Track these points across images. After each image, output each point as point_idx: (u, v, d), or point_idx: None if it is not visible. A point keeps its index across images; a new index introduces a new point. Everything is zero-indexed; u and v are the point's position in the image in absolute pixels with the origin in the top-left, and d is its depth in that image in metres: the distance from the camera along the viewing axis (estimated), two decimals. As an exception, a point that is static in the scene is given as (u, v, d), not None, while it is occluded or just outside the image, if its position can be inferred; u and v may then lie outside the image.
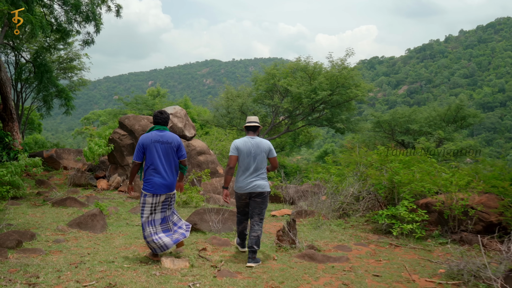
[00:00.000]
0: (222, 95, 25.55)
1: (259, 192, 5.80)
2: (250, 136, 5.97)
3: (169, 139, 5.50)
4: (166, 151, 5.46)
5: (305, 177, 19.52)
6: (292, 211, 9.91)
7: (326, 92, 20.27)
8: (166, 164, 5.46)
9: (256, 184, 5.79)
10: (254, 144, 5.86)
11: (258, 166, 5.84)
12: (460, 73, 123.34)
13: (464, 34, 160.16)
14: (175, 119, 13.02)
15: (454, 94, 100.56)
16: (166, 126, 5.66)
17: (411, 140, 24.44)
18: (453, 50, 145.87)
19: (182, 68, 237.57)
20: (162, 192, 5.39)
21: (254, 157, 5.82)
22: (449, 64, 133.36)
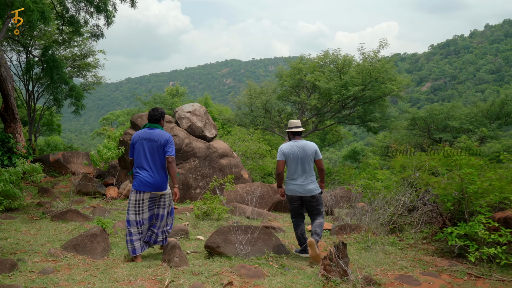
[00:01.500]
0: (245, 92, 23.99)
1: (310, 196, 5.99)
2: (296, 140, 6.10)
3: (156, 137, 5.44)
4: (152, 149, 5.42)
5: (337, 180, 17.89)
6: (332, 225, 8.33)
7: (358, 87, 18.51)
8: (151, 162, 5.41)
9: (307, 189, 5.95)
10: (300, 148, 5.99)
11: (305, 169, 5.96)
12: (486, 69, 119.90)
13: (490, 29, 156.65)
14: (194, 118, 11.58)
15: (480, 90, 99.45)
16: (158, 124, 5.62)
17: (449, 138, 22.51)
18: (479, 45, 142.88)
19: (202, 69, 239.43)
20: (145, 189, 5.41)
21: (301, 160, 5.95)
22: (475, 60, 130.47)
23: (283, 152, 6.03)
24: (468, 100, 50.23)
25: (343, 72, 20.38)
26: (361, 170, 18.29)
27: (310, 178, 5.99)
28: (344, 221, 8.80)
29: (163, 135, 5.49)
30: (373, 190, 8.82)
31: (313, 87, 21.17)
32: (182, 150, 10.77)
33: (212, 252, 5.93)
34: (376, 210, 8.38)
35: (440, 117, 23.77)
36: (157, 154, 5.45)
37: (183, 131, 11.20)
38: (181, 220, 8.71)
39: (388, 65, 19.46)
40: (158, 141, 5.42)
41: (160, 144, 5.43)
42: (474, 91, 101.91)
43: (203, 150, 11.12)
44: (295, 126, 6.20)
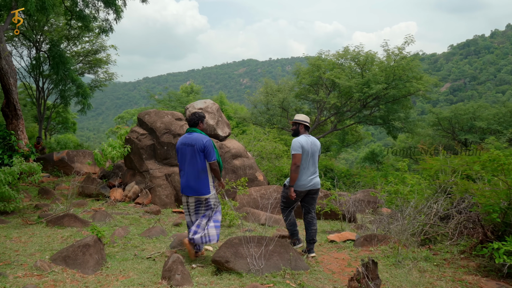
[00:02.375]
0: (261, 90, 23.08)
1: (317, 189, 6.12)
2: (307, 135, 6.11)
3: (193, 142, 5.45)
4: (191, 154, 5.44)
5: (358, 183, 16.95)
6: (356, 234, 7.46)
7: (381, 85, 17.48)
8: (190, 167, 5.44)
9: (316, 182, 6.06)
10: (311, 143, 6.02)
11: (315, 164, 6.08)
12: (508, 69, 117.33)
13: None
14: (206, 115, 10.81)
15: (501, 91, 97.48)
16: (196, 128, 5.66)
17: (476, 139, 21.35)
18: (500, 45, 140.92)
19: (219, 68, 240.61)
20: (188, 194, 5.51)
21: (312, 155, 6.00)
22: (495, 60, 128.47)
23: (302, 144, 5.90)
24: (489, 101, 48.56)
25: (365, 69, 19.36)
26: (383, 172, 17.32)
27: (317, 172, 6.12)
28: (369, 230, 7.93)
29: (201, 139, 5.47)
30: (402, 196, 7.94)
31: (332, 85, 20.16)
32: (192, 149, 10.02)
33: (221, 268, 5.15)
34: (407, 219, 7.49)
35: (466, 118, 22.64)
36: (196, 158, 5.43)
37: (193, 129, 10.45)
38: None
39: (414, 62, 18.38)
40: (195, 145, 5.42)
41: (197, 148, 5.41)
42: (494, 92, 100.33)
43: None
44: (307, 121, 6.20)
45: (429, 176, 9.19)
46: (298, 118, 6.16)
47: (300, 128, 6.16)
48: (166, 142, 9.75)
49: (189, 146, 5.45)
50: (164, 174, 9.62)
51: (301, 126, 6.14)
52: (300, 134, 6.13)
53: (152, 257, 5.72)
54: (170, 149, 9.78)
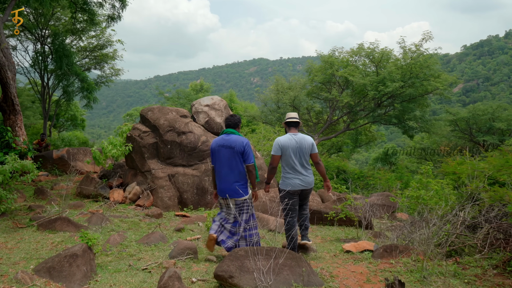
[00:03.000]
0: (272, 87, 22.34)
1: (310, 188, 5.93)
2: (293, 133, 5.90)
3: (232, 143, 5.37)
4: (229, 156, 5.36)
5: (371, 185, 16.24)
6: (375, 245, 6.79)
7: (397, 83, 16.71)
8: (228, 169, 5.36)
9: (309, 181, 5.85)
10: (298, 141, 5.80)
11: (304, 162, 5.83)
12: None
13: None
14: (213, 112, 10.21)
15: None
16: (235, 129, 5.61)
17: (495, 141, 20.48)
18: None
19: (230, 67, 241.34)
20: (225, 196, 5.41)
21: (300, 153, 5.78)
22: (510, 61, 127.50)
23: (281, 145, 5.77)
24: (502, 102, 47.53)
25: (380, 67, 18.58)
26: (398, 174, 16.58)
27: (309, 171, 5.88)
28: (388, 239, 7.25)
29: (240, 140, 5.41)
30: (425, 202, 7.26)
31: (345, 83, 19.41)
32: (197, 149, 9.41)
33: (224, 284, 4.54)
34: (431, 228, 6.81)
35: (484, 118, 21.76)
36: (234, 160, 5.36)
37: (199, 127, 9.84)
38: (192, 232, 7.34)
39: (432, 60, 17.56)
40: (235, 147, 5.34)
41: (237, 151, 5.34)
42: (508, 93, 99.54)
43: (222, 150, 9.75)
44: (290, 117, 5.98)
45: (452, 180, 8.49)
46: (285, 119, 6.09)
47: (286, 128, 6.02)
48: (170, 140, 9.15)
49: (227, 148, 5.35)
50: (167, 174, 9.03)
51: (285, 125, 6.03)
52: (287, 133, 5.99)
53: (148, 268, 5.12)
54: (174, 148, 9.19)
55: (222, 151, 5.40)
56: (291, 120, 5.97)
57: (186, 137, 9.30)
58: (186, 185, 9.08)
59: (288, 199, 5.89)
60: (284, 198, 5.91)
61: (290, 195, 5.87)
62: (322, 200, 13.03)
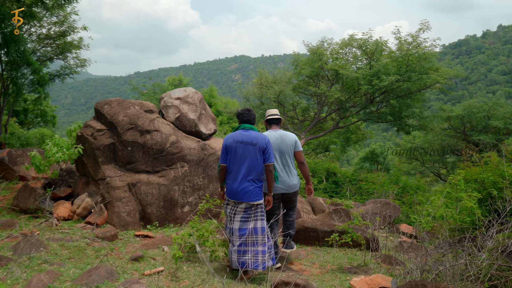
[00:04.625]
0: (255, 81, 20.58)
1: (294, 192, 5.41)
2: (273, 130, 5.51)
3: (254, 140, 4.91)
4: (249, 153, 4.86)
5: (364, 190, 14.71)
6: (393, 280, 5.18)
7: (393, 76, 15.16)
8: (247, 168, 4.85)
9: (291, 185, 5.34)
10: (279, 138, 5.39)
11: (287, 162, 5.35)
12: (498, 70, 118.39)
13: (503, 29, 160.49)
14: (185, 107, 8.45)
15: (492, 91, 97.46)
16: (253, 125, 5.14)
17: (492, 140, 19.19)
18: (491, 45, 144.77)
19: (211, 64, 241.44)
20: (239, 199, 4.85)
21: (281, 152, 5.33)
22: (487, 61, 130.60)
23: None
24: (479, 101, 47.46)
25: (374, 59, 17.02)
26: (393, 177, 15.09)
27: (292, 172, 5.40)
28: (405, 267, 5.63)
29: (263, 137, 4.99)
30: (458, 222, 5.70)
31: (335, 77, 17.79)
32: (165, 151, 7.66)
33: None
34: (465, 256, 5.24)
35: (479, 116, 20.47)
36: (255, 158, 4.89)
37: (168, 124, 8.07)
38: (153, 262, 5.61)
39: (430, 51, 16.08)
40: (257, 144, 4.92)
41: (259, 147, 4.91)
42: (485, 92, 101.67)
43: (196, 152, 8.01)
44: (270, 114, 5.64)
45: (475, 190, 6.93)
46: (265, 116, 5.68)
47: (266, 125, 5.66)
48: (131, 141, 7.38)
49: (247, 145, 4.87)
50: (126, 183, 7.26)
51: (265, 123, 5.64)
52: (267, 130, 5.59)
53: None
54: (135, 151, 7.43)
55: (240, 148, 4.88)
56: (272, 117, 5.54)
57: (151, 136, 7.55)
58: (151, 197, 7.33)
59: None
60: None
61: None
62: (313, 210, 11.42)
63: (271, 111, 5.66)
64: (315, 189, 14.80)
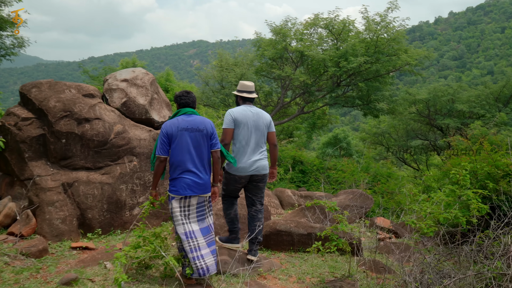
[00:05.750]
0: (214, 63, 19.25)
1: (263, 175, 4.94)
2: (249, 105, 4.98)
3: (200, 125, 4.39)
4: (197, 141, 4.35)
5: (332, 179, 13.88)
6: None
7: (362, 58, 14.29)
8: (198, 157, 4.35)
9: (261, 165, 4.89)
10: (255, 115, 4.91)
11: (259, 142, 4.92)
12: (450, 55, 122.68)
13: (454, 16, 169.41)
14: (133, 90, 7.17)
15: (443, 76, 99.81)
16: (195, 109, 4.56)
17: (457, 124, 18.84)
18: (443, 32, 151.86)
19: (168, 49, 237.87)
20: (192, 193, 4.29)
21: (256, 130, 4.88)
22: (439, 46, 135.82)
23: (235, 117, 4.81)
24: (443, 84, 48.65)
25: (341, 39, 16.10)
26: (364, 165, 14.33)
27: (263, 153, 4.98)
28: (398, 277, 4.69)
29: (208, 122, 4.48)
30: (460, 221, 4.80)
31: (300, 59, 16.77)
32: (109, 143, 6.40)
33: None
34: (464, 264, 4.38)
35: (444, 100, 20.10)
36: (204, 146, 4.39)
37: (113, 111, 6.79)
38: (90, 285, 4.43)
39: (399, 32, 15.31)
40: (204, 130, 4.40)
41: (207, 134, 4.41)
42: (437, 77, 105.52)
43: (147, 143, 6.79)
44: (248, 90, 5.03)
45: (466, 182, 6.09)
46: (238, 88, 5.08)
47: (239, 100, 5.09)
48: (65, 131, 6.06)
49: (193, 131, 4.35)
50: (60, 183, 5.96)
51: (239, 97, 5.06)
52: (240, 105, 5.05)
53: None
54: (71, 143, 6.13)
55: (185, 135, 4.31)
56: (249, 95, 4.98)
57: (91, 126, 6.25)
58: (92, 199, 6.07)
59: (230, 183, 4.90)
60: (227, 183, 4.92)
61: (234, 181, 4.87)
62: (281, 203, 10.44)
63: (246, 86, 5.05)
64: (282, 179, 13.86)
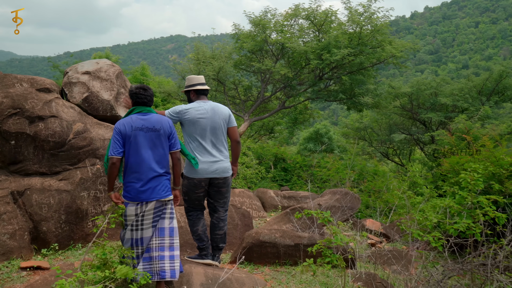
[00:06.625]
0: (191, 56, 18.38)
1: (224, 178, 4.44)
2: (202, 101, 4.51)
3: (157, 124, 4.01)
4: (153, 142, 3.98)
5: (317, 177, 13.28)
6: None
7: (346, 50, 13.67)
8: (153, 159, 3.97)
9: (221, 167, 4.39)
10: (210, 110, 4.42)
11: (218, 140, 4.42)
12: (426, 50, 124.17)
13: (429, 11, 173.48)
14: (96, 84, 6.36)
15: (420, 70, 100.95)
16: (151, 107, 4.14)
17: (441, 118, 18.46)
18: (419, 26, 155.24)
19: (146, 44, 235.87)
20: (147, 198, 3.91)
21: (211, 127, 4.38)
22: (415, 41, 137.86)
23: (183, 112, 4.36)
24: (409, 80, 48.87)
25: (323, 31, 15.46)
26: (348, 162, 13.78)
27: (223, 154, 4.47)
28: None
29: (166, 120, 4.08)
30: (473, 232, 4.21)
31: (281, 51, 16.08)
32: (67, 144, 5.61)
33: None
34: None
35: (427, 93, 19.72)
36: (161, 147, 4.01)
37: (72, 108, 5.98)
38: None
39: (383, 23, 14.77)
40: (161, 130, 4.00)
41: (164, 133, 4.02)
42: (414, 71, 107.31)
43: (113, 144, 6.04)
44: (199, 82, 4.56)
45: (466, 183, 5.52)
46: (187, 84, 4.62)
47: (191, 96, 4.58)
48: (15, 131, 5.26)
49: (149, 131, 3.93)
50: (9, 192, 5.15)
51: (192, 93, 4.56)
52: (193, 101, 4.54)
53: None
54: (23, 145, 5.32)
55: (141, 136, 3.93)
56: (201, 87, 4.53)
57: (45, 125, 5.45)
58: (47, 209, 5.29)
59: (189, 190, 4.42)
60: (187, 191, 4.45)
61: (193, 186, 4.39)
62: (263, 205, 9.79)
63: (197, 79, 4.62)
64: (262, 177, 13.20)
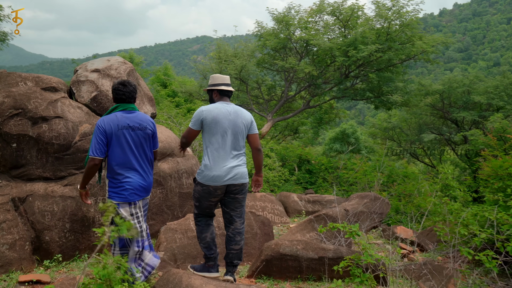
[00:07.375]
0: (212, 54, 17.99)
1: (241, 184, 4.00)
2: (225, 102, 4.11)
3: (143, 123, 3.88)
4: (139, 141, 3.86)
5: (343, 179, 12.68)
6: None
7: (373, 46, 12.98)
8: (142, 158, 3.87)
9: (239, 173, 3.97)
10: (233, 113, 4.03)
11: (237, 145, 4.02)
12: (455, 47, 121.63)
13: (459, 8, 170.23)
14: (106, 82, 5.98)
15: (449, 68, 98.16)
16: (134, 104, 3.97)
17: (475, 117, 17.52)
18: (448, 24, 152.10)
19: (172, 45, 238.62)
20: (139, 197, 3.83)
21: (232, 131, 3.98)
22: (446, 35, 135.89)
23: (205, 115, 3.91)
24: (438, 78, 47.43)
25: (349, 27, 14.80)
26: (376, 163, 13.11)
27: (241, 159, 4.06)
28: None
29: (148, 119, 3.98)
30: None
31: (305, 49, 15.50)
32: (73, 147, 5.24)
33: None
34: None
35: (460, 91, 18.79)
36: (146, 146, 3.93)
37: (79, 108, 5.62)
38: None
39: (412, 17, 13.98)
40: (147, 129, 3.91)
41: (149, 132, 3.94)
42: (443, 69, 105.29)
43: (123, 146, 5.65)
44: (224, 82, 4.17)
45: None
46: (211, 82, 4.15)
47: (214, 96, 4.15)
48: (16, 133, 4.92)
49: (135, 130, 3.81)
50: (9, 198, 4.82)
51: (215, 92, 4.12)
52: (215, 102, 4.10)
53: None
54: (25, 148, 4.98)
55: (128, 135, 3.75)
56: (225, 88, 4.12)
57: (49, 126, 5.10)
58: (50, 216, 4.93)
59: (202, 197, 3.95)
60: (200, 198, 3.97)
61: (207, 194, 3.92)
62: (286, 210, 9.26)
63: (222, 78, 4.21)
64: (286, 180, 12.67)
